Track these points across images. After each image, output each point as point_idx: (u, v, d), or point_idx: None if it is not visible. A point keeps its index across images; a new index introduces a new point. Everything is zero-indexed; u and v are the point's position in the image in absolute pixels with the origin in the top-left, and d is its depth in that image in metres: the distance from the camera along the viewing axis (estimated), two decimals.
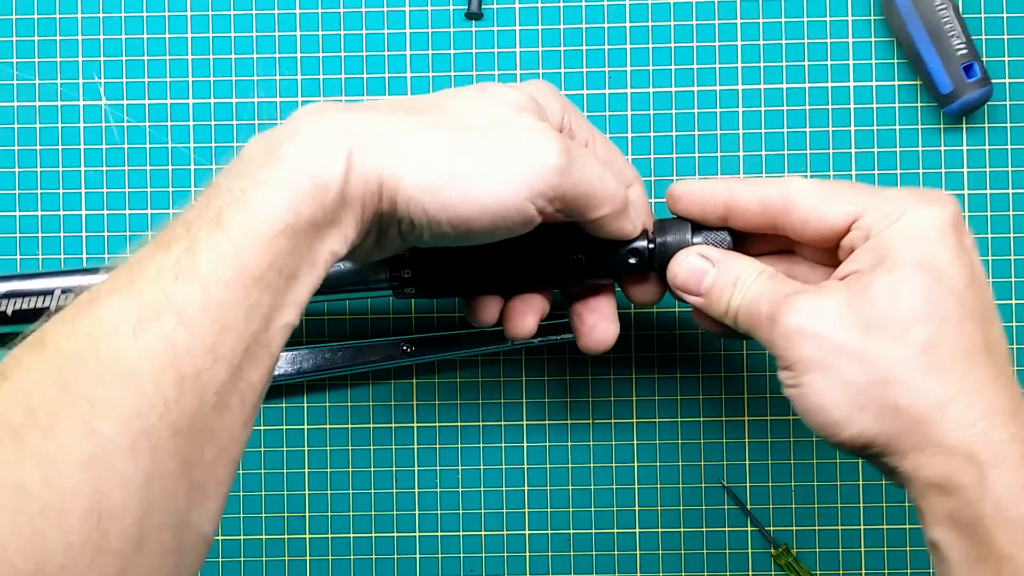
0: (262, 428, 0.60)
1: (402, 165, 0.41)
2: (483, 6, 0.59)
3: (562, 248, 0.48)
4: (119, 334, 0.36)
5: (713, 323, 0.48)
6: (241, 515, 0.60)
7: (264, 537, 0.60)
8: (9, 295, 0.57)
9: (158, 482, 0.36)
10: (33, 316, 0.57)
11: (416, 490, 0.60)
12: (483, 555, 0.59)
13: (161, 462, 0.36)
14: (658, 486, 0.59)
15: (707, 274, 0.46)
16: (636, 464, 0.59)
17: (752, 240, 0.48)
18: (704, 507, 0.59)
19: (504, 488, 0.60)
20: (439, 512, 0.60)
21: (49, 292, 0.57)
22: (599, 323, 0.49)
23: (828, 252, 0.46)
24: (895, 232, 0.42)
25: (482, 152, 0.41)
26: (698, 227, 0.47)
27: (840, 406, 0.41)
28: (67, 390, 0.35)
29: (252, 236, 0.38)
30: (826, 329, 0.41)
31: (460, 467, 0.60)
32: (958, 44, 0.56)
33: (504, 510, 0.60)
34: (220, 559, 0.59)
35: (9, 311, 0.57)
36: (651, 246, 0.47)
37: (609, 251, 0.47)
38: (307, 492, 0.59)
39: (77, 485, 0.34)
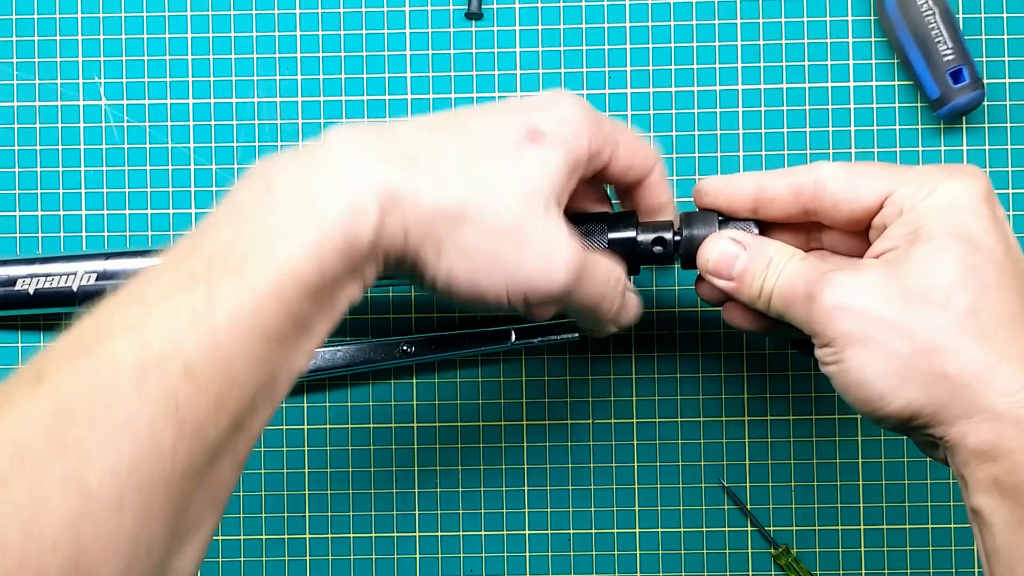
0: None
1: (425, 244, 0.41)
2: (483, 6, 0.59)
3: (585, 232, 0.48)
4: (121, 382, 0.35)
5: (741, 316, 0.48)
6: (241, 515, 0.60)
7: (264, 537, 0.60)
8: (33, 276, 0.57)
9: (144, 534, 0.35)
10: (55, 297, 0.57)
11: (416, 490, 0.60)
12: (483, 555, 0.59)
13: (149, 514, 0.35)
14: (658, 486, 0.59)
15: (739, 258, 0.46)
16: (636, 464, 0.59)
17: (778, 233, 0.48)
18: (704, 507, 0.59)
19: (504, 488, 0.60)
20: (439, 512, 0.60)
21: (73, 273, 0.57)
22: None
23: (859, 239, 0.46)
24: (929, 205, 0.42)
25: (498, 253, 0.42)
26: (725, 220, 0.48)
27: (884, 379, 0.41)
28: (60, 438, 0.34)
29: (275, 293, 0.37)
30: (866, 303, 0.41)
31: (460, 467, 0.60)
32: (944, 50, 0.56)
33: (504, 510, 0.59)
34: (220, 559, 0.59)
35: (31, 290, 0.57)
36: (677, 238, 0.48)
37: (635, 243, 0.48)
38: (307, 492, 0.59)
39: (58, 541, 0.33)
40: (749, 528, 0.59)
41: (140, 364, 0.35)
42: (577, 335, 0.58)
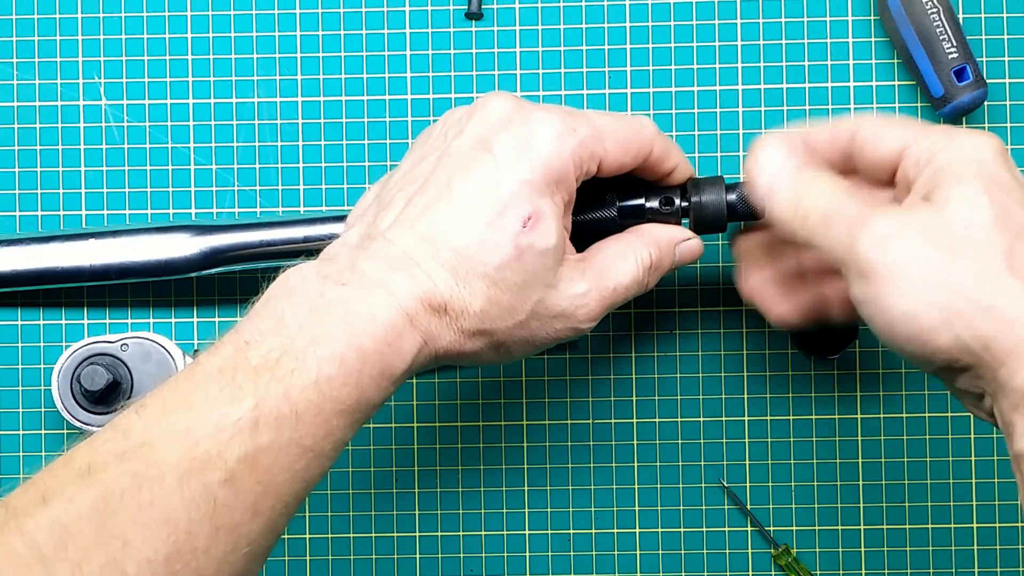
0: None
1: (453, 358, 0.45)
2: (483, 6, 0.59)
3: (595, 203, 0.50)
4: (165, 482, 0.37)
5: (760, 283, 0.51)
6: None
7: None
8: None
9: None
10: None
11: (416, 490, 0.60)
12: (483, 555, 0.59)
13: None
14: (658, 486, 0.59)
15: (787, 165, 0.46)
16: (636, 464, 0.59)
17: None
18: (704, 507, 0.59)
19: (504, 488, 0.60)
20: (439, 512, 0.60)
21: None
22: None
23: (887, 195, 0.47)
24: (951, 155, 0.43)
25: (531, 336, 0.46)
26: (732, 186, 0.50)
27: (932, 312, 0.41)
28: (103, 528, 0.36)
29: (315, 411, 0.40)
30: (913, 236, 0.42)
31: (460, 467, 0.60)
32: (948, 48, 0.56)
33: (504, 510, 0.60)
34: None
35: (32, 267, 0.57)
36: (685, 204, 0.50)
37: (642, 203, 0.51)
38: None
39: None
40: (749, 528, 0.59)
41: (184, 467, 0.38)
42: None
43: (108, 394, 0.55)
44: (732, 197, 0.50)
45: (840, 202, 0.45)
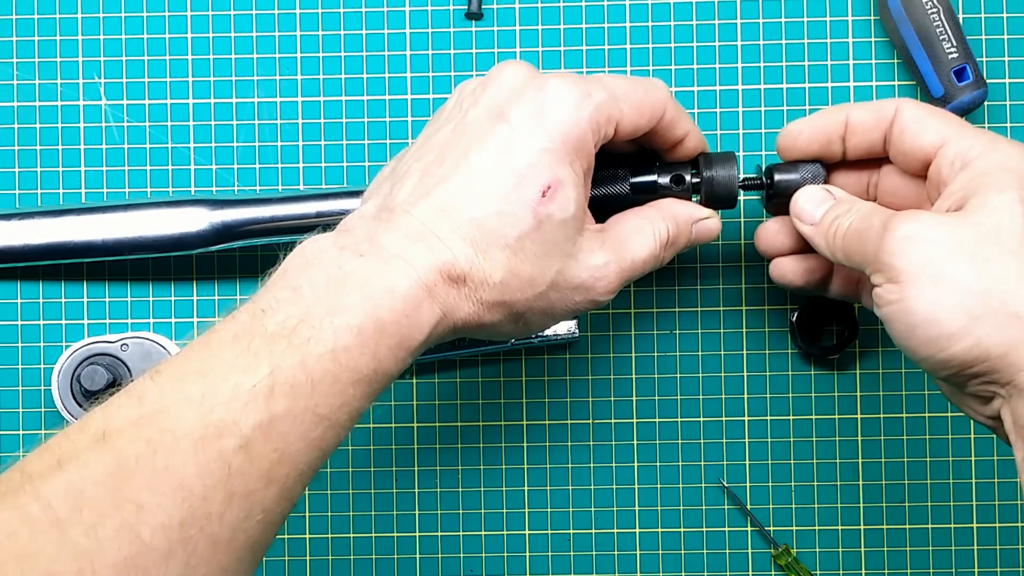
0: None
1: (471, 330, 0.45)
2: (483, 6, 0.59)
3: (608, 178, 0.50)
4: (180, 448, 0.37)
5: (793, 267, 0.52)
6: None
7: None
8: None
9: None
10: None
11: (416, 490, 0.60)
12: (483, 555, 0.59)
13: (193, 569, 0.37)
14: (658, 486, 0.59)
15: (826, 201, 0.48)
16: (636, 464, 0.59)
17: (842, 175, 0.51)
18: (704, 507, 0.59)
19: (504, 488, 0.60)
20: (439, 512, 0.60)
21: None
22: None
23: (916, 187, 0.48)
24: (989, 162, 0.44)
25: (550, 307, 0.46)
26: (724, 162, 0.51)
27: (955, 316, 0.41)
28: (117, 492, 0.36)
29: (331, 382, 0.40)
30: (941, 237, 0.42)
31: (460, 467, 0.60)
32: (948, 48, 0.56)
33: (504, 510, 0.60)
34: None
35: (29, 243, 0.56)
36: (696, 180, 0.50)
37: (655, 179, 0.51)
38: (307, 492, 0.59)
39: None
40: (749, 528, 0.59)
41: (199, 434, 0.38)
42: (577, 334, 0.58)
43: (108, 394, 0.55)
44: (744, 174, 0.50)
45: (869, 215, 0.45)
